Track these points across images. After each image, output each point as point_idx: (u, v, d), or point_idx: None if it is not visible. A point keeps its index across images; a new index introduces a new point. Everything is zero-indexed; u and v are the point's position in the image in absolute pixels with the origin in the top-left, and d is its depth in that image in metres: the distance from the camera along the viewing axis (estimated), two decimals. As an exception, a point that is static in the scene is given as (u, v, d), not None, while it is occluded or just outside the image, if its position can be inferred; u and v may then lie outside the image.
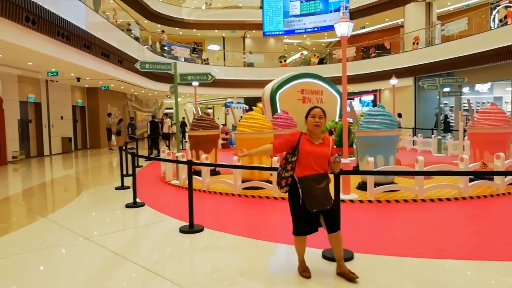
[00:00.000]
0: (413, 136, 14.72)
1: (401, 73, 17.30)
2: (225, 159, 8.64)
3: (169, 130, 16.38)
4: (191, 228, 4.69)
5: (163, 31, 22.52)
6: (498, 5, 14.77)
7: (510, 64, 13.66)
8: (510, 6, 13.74)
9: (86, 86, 18.50)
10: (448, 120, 18.54)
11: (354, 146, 8.52)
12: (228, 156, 7.38)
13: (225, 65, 23.99)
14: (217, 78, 9.96)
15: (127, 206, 6.11)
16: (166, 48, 20.70)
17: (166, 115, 17.33)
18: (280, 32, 24.15)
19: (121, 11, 16.33)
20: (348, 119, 7.81)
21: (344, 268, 3.24)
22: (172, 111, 31.94)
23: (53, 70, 13.01)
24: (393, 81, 14.40)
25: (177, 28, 23.94)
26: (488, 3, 16.07)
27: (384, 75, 17.87)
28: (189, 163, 4.94)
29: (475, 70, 15.22)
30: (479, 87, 18.02)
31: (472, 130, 7.46)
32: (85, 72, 13.57)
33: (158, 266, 3.63)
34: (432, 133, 13.69)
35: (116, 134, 18.13)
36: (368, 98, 23.00)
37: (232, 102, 21.82)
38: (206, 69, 20.88)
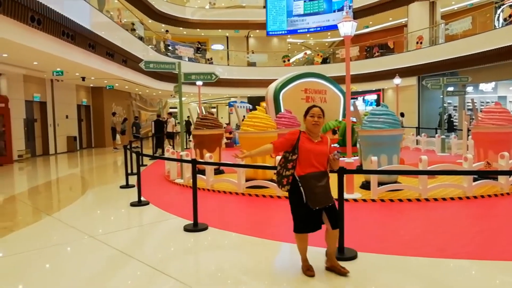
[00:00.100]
0: (417, 136, 14.69)
1: (405, 73, 17.25)
2: (229, 158, 8.67)
3: (173, 130, 16.44)
4: (195, 227, 4.72)
5: (167, 31, 22.58)
6: (503, 4, 14.69)
7: (515, 64, 13.60)
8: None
9: (91, 86, 18.61)
10: (452, 120, 18.44)
11: (358, 146, 8.51)
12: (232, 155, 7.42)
13: (229, 65, 24.02)
14: (221, 78, 10.00)
15: (132, 205, 6.16)
16: (170, 48, 20.75)
17: (170, 114, 17.40)
18: (284, 32, 24.14)
19: (126, 11, 16.40)
20: (352, 119, 7.82)
21: (335, 263, 3.33)
22: (176, 110, 32.03)
23: (58, 70, 13.09)
24: (397, 81, 14.36)
25: (181, 28, 24.01)
26: (493, 2, 16.00)
27: (388, 75, 17.83)
28: (194, 162, 4.97)
29: (479, 70, 15.14)
30: (483, 87, 17.92)
31: (476, 130, 7.44)
32: (90, 72, 13.65)
33: (163, 265, 3.65)
34: (436, 133, 13.66)
35: (121, 133, 18.22)
36: (372, 98, 22.94)
37: (236, 102, 21.83)
38: (210, 69, 20.88)
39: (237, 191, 6.82)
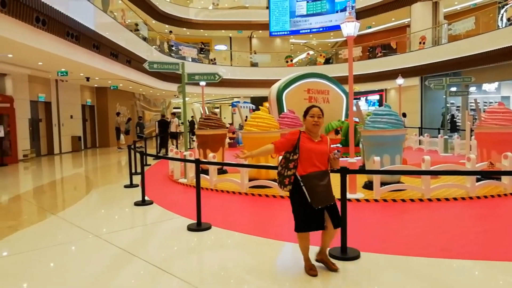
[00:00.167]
0: (419, 136, 14.66)
1: (408, 73, 17.22)
2: (232, 158, 8.69)
3: (177, 129, 16.50)
4: (199, 226, 4.75)
5: (171, 32, 22.65)
6: (506, 4, 14.65)
7: (518, 64, 13.57)
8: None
9: (95, 86, 18.69)
10: (455, 120, 18.42)
11: (360, 146, 8.53)
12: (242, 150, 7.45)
13: (232, 65, 24.06)
14: (224, 78, 10.02)
15: (136, 204, 6.19)
16: (174, 48, 20.80)
17: (174, 115, 17.45)
18: (286, 32, 24.16)
19: (129, 12, 16.47)
20: (354, 119, 7.83)
21: (327, 258, 3.46)
22: (180, 111, 32.10)
23: (63, 70, 13.17)
24: (399, 81, 14.35)
25: (185, 29, 24.06)
26: (496, 2, 15.94)
27: (390, 75, 17.79)
28: (197, 162, 5.00)
29: (482, 70, 15.10)
30: (486, 87, 17.89)
31: (480, 130, 7.44)
32: (94, 72, 13.72)
33: (166, 264, 3.68)
34: (439, 133, 13.63)
35: (125, 133, 18.30)
36: (374, 98, 22.93)
37: (239, 102, 21.87)
38: (213, 69, 20.96)
39: (240, 191, 6.85)
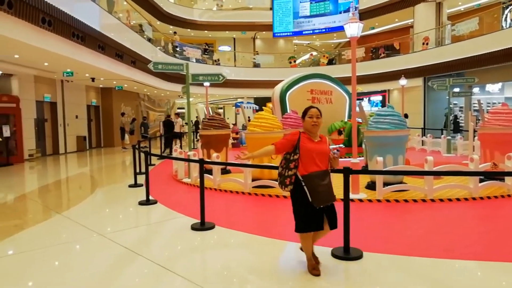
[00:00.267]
0: (422, 136, 14.64)
1: (411, 74, 17.18)
2: (236, 158, 8.73)
3: (181, 130, 16.57)
4: (203, 226, 4.79)
5: (175, 32, 22.72)
6: (511, 5, 14.60)
7: (522, 64, 13.52)
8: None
9: (101, 86, 18.80)
10: (458, 121, 18.34)
11: (363, 146, 8.54)
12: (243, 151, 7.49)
13: (236, 66, 24.11)
14: (228, 79, 10.06)
15: (140, 204, 6.23)
16: (178, 49, 20.88)
17: (178, 115, 17.53)
18: (290, 33, 24.17)
19: (134, 13, 16.56)
20: (357, 119, 7.85)
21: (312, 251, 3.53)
22: (184, 111, 32.18)
23: (69, 71, 13.26)
24: (402, 82, 14.33)
25: (189, 30, 24.12)
26: (500, 3, 15.89)
27: (394, 76, 17.77)
28: (201, 162, 5.04)
29: (486, 70, 15.05)
30: (490, 87, 17.80)
31: (483, 131, 7.43)
32: (100, 73, 13.81)
33: (170, 263, 3.70)
34: (442, 134, 13.60)
35: (129, 133, 18.40)
36: (377, 99, 22.89)
37: (243, 102, 21.90)
38: (217, 70, 21.02)
39: (244, 191, 6.89)
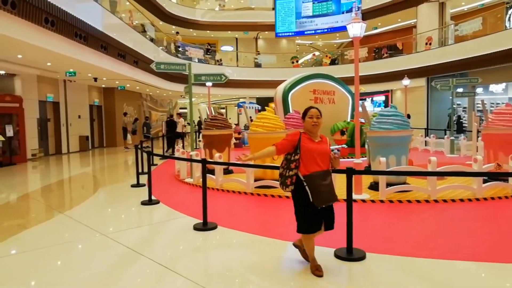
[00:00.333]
0: (426, 137, 14.59)
1: (414, 74, 17.13)
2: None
3: (183, 130, 16.58)
4: (205, 226, 4.78)
5: (178, 33, 22.75)
6: (515, 5, 14.55)
7: (526, 65, 13.46)
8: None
9: (103, 86, 18.84)
10: (461, 121, 18.29)
11: (366, 146, 8.52)
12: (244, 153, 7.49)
13: (238, 66, 24.11)
14: (230, 79, 10.06)
15: (143, 204, 6.24)
16: (181, 49, 20.89)
17: (180, 115, 17.54)
18: (292, 33, 24.15)
19: (137, 13, 16.59)
20: (360, 119, 7.83)
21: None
22: (186, 111, 32.21)
23: (71, 71, 13.30)
24: (405, 82, 14.29)
25: (191, 30, 24.15)
26: (504, 3, 15.80)
27: (396, 76, 17.72)
28: (204, 162, 5.03)
29: (489, 70, 14.99)
30: (493, 88, 17.74)
31: (486, 131, 7.39)
32: (102, 73, 13.83)
33: (172, 263, 3.71)
34: (445, 134, 13.55)
35: (132, 133, 18.43)
36: (380, 99, 22.85)
37: (245, 102, 21.90)
38: (220, 70, 21.03)
39: (246, 191, 6.88)
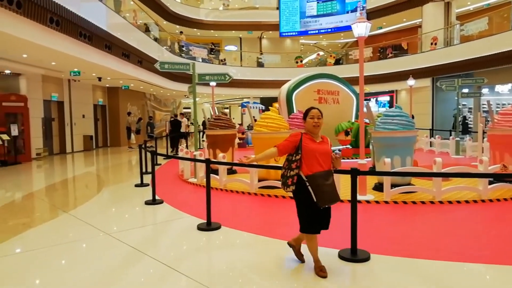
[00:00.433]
0: (431, 138, 14.50)
1: (419, 74, 17.05)
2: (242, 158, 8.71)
3: (186, 129, 16.61)
4: (209, 226, 4.78)
5: (182, 32, 22.77)
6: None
7: (533, 65, 13.34)
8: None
9: (107, 86, 18.91)
10: (467, 122, 18.18)
11: (371, 147, 8.48)
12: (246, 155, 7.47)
13: (242, 66, 24.10)
14: (234, 78, 10.04)
15: (146, 203, 6.25)
16: (184, 49, 20.91)
17: (183, 115, 17.58)
18: (297, 33, 24.11)
19: (141, 13, 16.62)
20: (365, 120, 7.79)
21: (299, 248, 3.70)
22: (190, 111, 32.27)
23: (76, 70, 13.36)
24: (410, 82, 14.22)
25: (195, 29, 24.16)
26: (510, 2, 15.66)
27: (401, 76, 17.65)
28: (207, 162, 5.03)
29: (495, 71, 14.88)
30: (499, 88, 17.59)
31: (492, 132, 7.33)
32: (106, 72, 13.88)
33: (176, 262, 3.71)
34: (450, 135, 13.46)
35: (136, 133, 18.48)
36: (385, 99, 22.75)
37: (249, 102, 21.87)
38: (224, 70, 21.02)
39: (250, 191, 6.87)
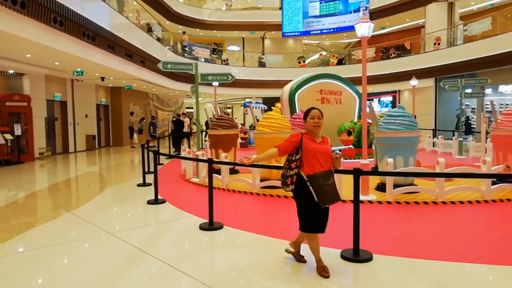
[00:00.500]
0: (433, 138, 14.46)
1: (422, 74, 16.99)
2: (244, 159, 8.71)
3: (188, 129, 16.63)
4: (211, 226, 4.78)
5: (184, 32, 22.80)
6: (525, 5, 14.36)
7: (536, 65, 13.28)
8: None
9: (110, 86, 18.96)
10: (470, 122, 18.09)
11: (373, 147, 8.46)
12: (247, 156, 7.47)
13: (244, 66, 24.10)
14: (237, 78, 10.06)
15: (149, 203, 6.26)
16: (187, 49, 20.93)
17: (185, 115, 17.60)
18: (299, 33, 24.08)
19: (144, 13, 16.66)
20: (367, 120, 7.77)
21: (299, 249, 3.67)
22: (192, 111, 32.30)
23: (79, 70, 13.39)
24: (413, 82, 14.18)
25: (198, 29, 24.19)
26: (514, 2, 15.65)
27: (404, 76, 17.60)
28: (210, 162, 5.03)
29: (499, 71, 14.82)
30: (503, 88, 17.50)
31: (496, 132, 7.29)
32: (109, 72, 13.91)
33: (178, 262, 3.71)
34: (453, 135, 13.42)
35: (138, 133, 18.51)
36: (387, 99, 22.70)
37: (251, 102, 21.87)
38: (226, 70, 21.03)
39: (252, 191, 6.87)
